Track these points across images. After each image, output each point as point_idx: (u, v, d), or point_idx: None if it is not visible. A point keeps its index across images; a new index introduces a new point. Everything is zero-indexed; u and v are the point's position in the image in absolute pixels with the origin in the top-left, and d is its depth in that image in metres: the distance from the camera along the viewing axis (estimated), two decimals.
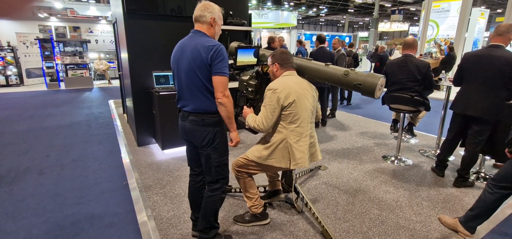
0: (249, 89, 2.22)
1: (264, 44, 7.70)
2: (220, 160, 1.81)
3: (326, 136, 4.46)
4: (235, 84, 3.98)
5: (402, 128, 3.44)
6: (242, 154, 2.13)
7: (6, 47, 9.66)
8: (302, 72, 2.10)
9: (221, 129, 1.78)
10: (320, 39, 4.73)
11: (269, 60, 2.04)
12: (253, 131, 2.09)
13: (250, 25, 4.53)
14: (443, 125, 3.66)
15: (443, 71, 3.90)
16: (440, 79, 3.45)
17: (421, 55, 9.21)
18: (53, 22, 11.16)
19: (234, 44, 2.57)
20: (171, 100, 3.49)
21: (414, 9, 29.03)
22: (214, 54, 1.61)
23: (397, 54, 11.00)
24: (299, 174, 3.04)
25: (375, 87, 1.76)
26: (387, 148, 3.94)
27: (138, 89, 3.79)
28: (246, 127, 2.07)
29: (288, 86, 1.87)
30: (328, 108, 5.51)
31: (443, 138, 3.82)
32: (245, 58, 2.39)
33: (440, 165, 3.11)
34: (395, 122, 4.08)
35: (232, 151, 3.73)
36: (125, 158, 3.52)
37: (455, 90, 3.73)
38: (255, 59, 2.48)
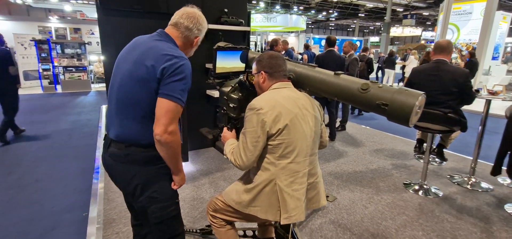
0: (231, 105, 1.65)
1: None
2: (162, 214, 1.24)
3: (335, 154, 3.83)
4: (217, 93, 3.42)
5: (430, 150, 2.79)
6: (220, 192, 1.55)
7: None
8: (301, 83, 1.51)
9: (159, 167, 1.21)
10: (329, 42, 4.12)
11: (254, 68, 1.46)
12: None
13: (248, 25, 3.97)
14: (480, 144, 2.98)
15: (481, 82, 3.23)
16: (478, 91, 2.80)
17: None
18: (53, 23, 10.90)
19: (219, 44, 2.01)
20: None
21: (427, 13, 28.04)
22: (169, 67, 1.09)
23: (412, 59, 10.26)
24: None
25: (412, 110, 1.16)
26: (409, 172, 3.29)
27: None
28: (225, 156, 1.49)
29: (278, 105, 1.28)
30: (338, 120, 4.89)
31: (479, 161, 3.16)
32: (228, 63, 1.81)
33: None
34: (420, 142, 3.41)
35: (202, 185, 3.15)
36: (95, 180, 2.98)
37: (496, 103, 3.07)
38: (243, 65, 1.91)
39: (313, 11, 27.88)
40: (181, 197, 2.63)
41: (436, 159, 3.44)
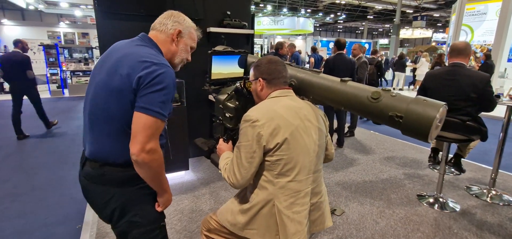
0: (227, 114, 1.51)
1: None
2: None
3: (343, 162, 3.65)
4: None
5: (446, 160, 2.59)
6: (219, 206, 1.41)
7: None
8: (304, 90, 1.37)
9: (139, 188, 1.07)
10: (339, 45, 3.94)
11: (251, 74, 1.32)
12: None
13: (252, 27, 3.84)
14: (501, 152, 2.76)
15: (501, 86, 3.00)
16: (498, 96, 2.59)
17: None
18: (62, 28, 11.05)
19: (217, 48, 1.88)
20: None
21: (438, 15, 27.48)
22: (146, 76, 0.95)
23: (423, 62, 9.96)
24: None
25: (431, 124, 0.99)
26: (422, 182, 3.08)
27: None
28: (219, 171, 1.36)
29: (277, 116, 1.14)
30: (346, 125, 4.69)
31: (501, 171, 2.92)
32: (225, 68, 1.68)
33: None
34: (435, 151, 3.18)
35: (201, 195, 3.01)
36: None
37: None
38: (241, 70, 1.77)
39: (320, 14, 27.67)
40: (179, 208, 2.51)
41: (452, 169, 3.22)
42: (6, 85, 9.30)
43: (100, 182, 1.04)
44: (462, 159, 2.96)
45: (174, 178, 3.02)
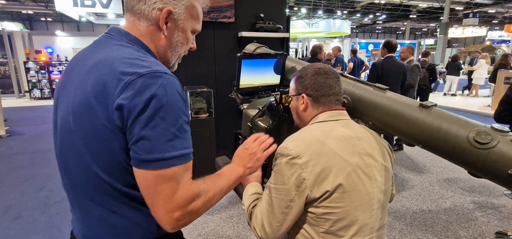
0: None
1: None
2: None
3: None
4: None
5: None
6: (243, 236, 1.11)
7: (64, 62, 10.32)
8: (360, 113, 1.01)
9: None
10: (390, 46, 3.44)
11: (292, 87, 1.00)
12: None
13: (287, 30, 3.52)
14: None
15: None
16: None
17: None
18: None
19: (248, 48, 1.61)
20: None
21: (493, 11, 24.60)
22: (133, 102, 0.56)
23: (482, 64, 8.78)
24: None
25: None
26: (499, 215, 2.48)
27: None
28: (243, 206, 1.06)
29: (326, 151, 0.80)
30: (394, 138, 4.13)
31: None
32: (257, 77, 1.38)
33: None
34: None
35: (229, 217, 2.70)
36: None
37: None
38: (277, 78, 1.46)
39: (358, 15, 26.43)
40: (203, 232, 2.24)
41: None
42: (47, 91, 10.01)
43: None
44: None
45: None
